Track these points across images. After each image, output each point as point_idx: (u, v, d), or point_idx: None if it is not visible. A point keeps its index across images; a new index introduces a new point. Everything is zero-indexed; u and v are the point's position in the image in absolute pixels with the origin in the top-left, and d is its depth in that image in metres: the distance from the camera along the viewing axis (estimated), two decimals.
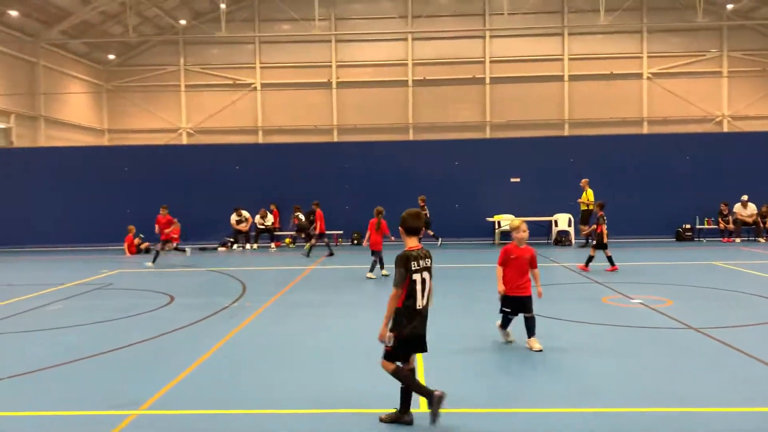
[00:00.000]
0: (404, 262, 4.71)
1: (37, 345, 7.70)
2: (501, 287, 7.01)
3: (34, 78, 31.72)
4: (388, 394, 5.16)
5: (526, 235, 7.08)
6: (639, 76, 34.77)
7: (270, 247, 19.78)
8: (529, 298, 6.98)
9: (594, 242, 13.45)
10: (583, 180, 18.81)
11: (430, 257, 4.90)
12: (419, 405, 5.15)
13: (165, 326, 8.45)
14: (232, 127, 36.17)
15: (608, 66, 34.55)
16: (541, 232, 20.01)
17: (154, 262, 15.43)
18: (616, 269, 13.09)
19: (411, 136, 34.74)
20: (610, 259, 13.19)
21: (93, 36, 33.31)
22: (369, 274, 12.77)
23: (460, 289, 11.28)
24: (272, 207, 20.56)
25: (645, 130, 34.14)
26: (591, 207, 17.84)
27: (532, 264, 7.02)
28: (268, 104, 36.60)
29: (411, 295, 4.73)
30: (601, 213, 13.29)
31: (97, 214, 20.74)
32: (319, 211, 17.25)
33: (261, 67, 36.52)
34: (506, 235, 20.23)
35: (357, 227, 19.94)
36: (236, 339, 7.81)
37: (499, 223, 19.95)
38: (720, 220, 19.85)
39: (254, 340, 7.81)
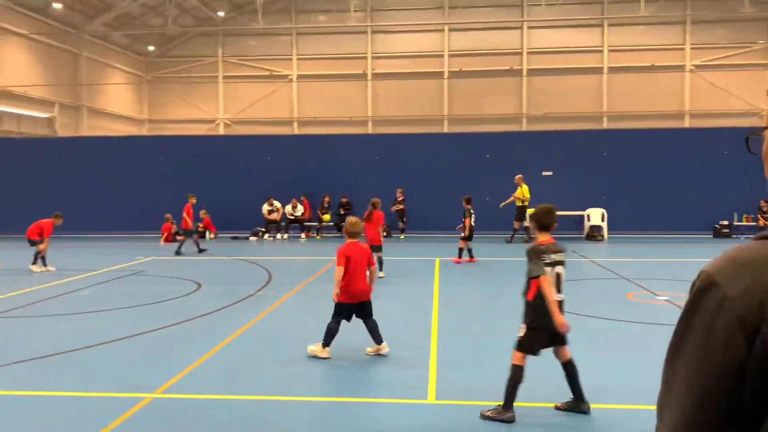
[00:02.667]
0: (537, 254, 4.74)
1: (62, 329, 7.96)
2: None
3: (77, 69, 32.57)
4: (406, 384, 5.19)
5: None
6: (681, 68, 33.87)
7: (300, 237, 19.98)
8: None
9: (463, 235, 13.72)
10: (517, 176, 18.50)
11: (563, 251, 4.91)
12: (426, 396, 5.19)
13: (189, 313, 8.65)
14: (269, 118, 36.54)
15: (649, 58, 33.72)
16: (573, 226, 19.72)
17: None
18: (473, 261, 13.61)
19: (446, 129, 34.58)
20: (469, 251, 13.68)
21: (134, 28, 34.02)
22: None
23: (484, 282, 11.24)
24: (302, 198, 20.74)
25: (686, 123, 33.28)
26: (526, 203, 18.00)
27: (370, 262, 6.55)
28: (303, 96, 36.86)
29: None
30: (468, 207, 13.78)
31: (136, 203, 21.24)
32: (186, 205, 16.05)
33: (297, 59, 36.77)
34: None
35: (386, 219, 19.98)
36: (256, 327, 7.94)
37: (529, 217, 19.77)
38: (759, 216, 19.25)
39: (273, 328, 7.93)
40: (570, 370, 4.84)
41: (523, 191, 18.40)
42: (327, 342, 6.38)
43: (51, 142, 24.91)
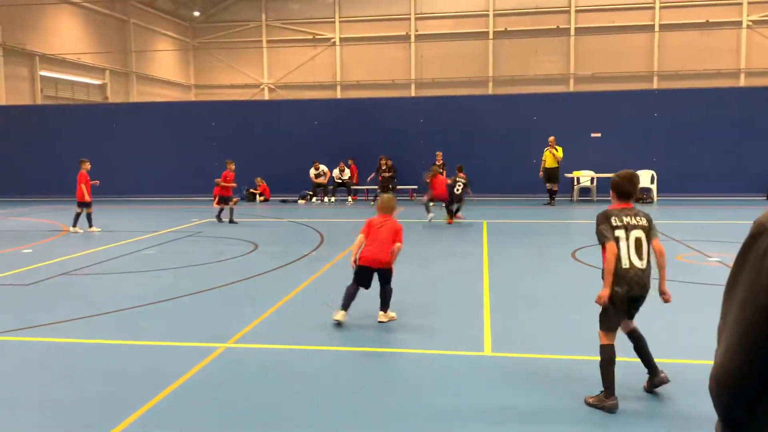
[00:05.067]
0: (605, 218, 4.42)
1: (134, 285, 8.48)
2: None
3: (126, 36, 33.23)
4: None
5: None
6: (738, 24, 32.57)
7: (347, 200, 20.31)
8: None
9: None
10: (550, 138, 18.40)
11: (642, 216, 4.46)
12: (484, 348, 5.46)
13: (250, 271, 9.08)
14: (312, 82, 36.75)
15: (703, 14, 32.52)
16: None
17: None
18: (451, 222, 14.22)
19: (490, 90, 34.22)
20: (451, 212, 14.38)
21: None
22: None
23: (532, 244, 11.39)
24: (350, 161, 21.00)
25: (742, 82, 32.15)
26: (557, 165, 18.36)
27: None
28: (346, 59, 36.85)
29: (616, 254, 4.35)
30: (462, 175, 14.58)
31: (187, 167, 21.85)
32: (225, 171, 15.36)
33: (340, 21, 36.68)
34: (585, 191, 19.92)
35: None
36: (314, 284, 8.31)
37: (578, 179, 19.64)
38: None
39: (330, 285, 8.26)
40: (636, 342, 4.64)
41: (559, 152, 18.27)
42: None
43: (103, 109, 25.68)
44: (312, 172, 20.70)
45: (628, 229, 4.38)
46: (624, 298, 4.38)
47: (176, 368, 5.17)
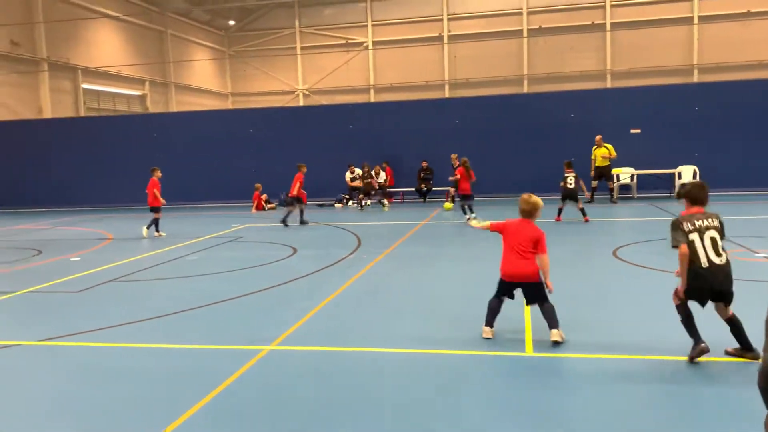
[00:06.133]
0: (675, 225, 5.07)
1: (179, 290, 8.68)
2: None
3: (164, 47, 33.98)
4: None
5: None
6: None
7: (384, 203, 20.33)
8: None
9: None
10: (597, 137, 18.27)
11: (714, 217, 5.07)
12: (525, 348, 5.44)
13: (290, 274, 9.20)
14: (346, 86, 36.99)
15: (744, 3, 31.68)
16: (662, 185, 19.16)
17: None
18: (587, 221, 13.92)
19: (526, 89, 33.93)
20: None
21: (214, 3, 35.00)
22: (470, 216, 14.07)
23: (572, 242, 11.28)
24: (385, 164, 21.07)
25: None
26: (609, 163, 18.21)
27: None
28: (379, 62, 37.00)
29: (693, 254, 4.94)
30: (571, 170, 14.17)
31: (226, 173, 22.22)
32: (298, 174, 15.56)
33: (373, 25, 36.85)
34: (625, 188, 19.57)
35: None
36: (354, 286, 8.38)
37: (617, 176, 19.32)
38: None
39: (370, 288, 8.34)
40: (732, 325, 5.12)
41: (610, 150, 18.13)
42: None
43: (144, 119, 26.29)
44: (348, 175, 20.83)
45: (701, 231, 4.96)
46: (708, 291, 5.00)
47: (222, 371, 5.28)
